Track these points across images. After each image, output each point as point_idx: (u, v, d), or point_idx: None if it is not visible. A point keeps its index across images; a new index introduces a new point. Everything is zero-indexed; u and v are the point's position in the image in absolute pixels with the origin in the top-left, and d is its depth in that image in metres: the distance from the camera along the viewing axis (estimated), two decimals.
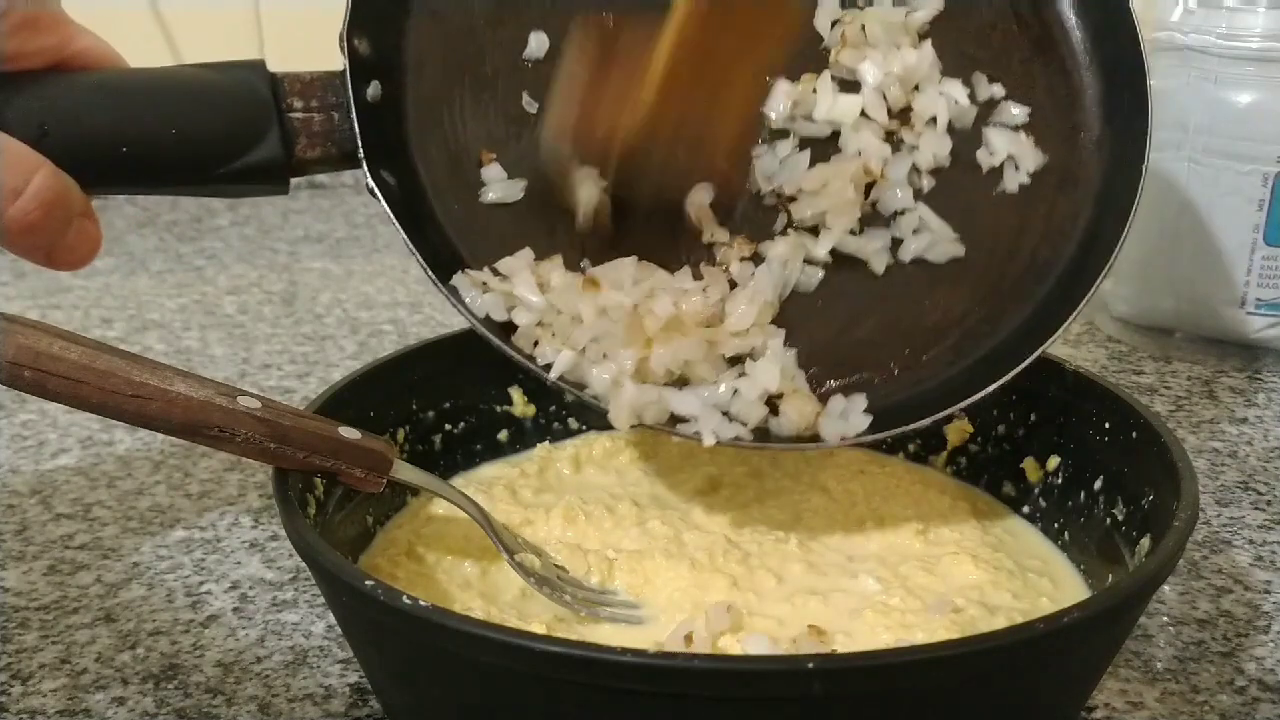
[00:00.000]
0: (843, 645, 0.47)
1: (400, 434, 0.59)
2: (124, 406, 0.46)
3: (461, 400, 0.62)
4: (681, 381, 0.51)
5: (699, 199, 0.54)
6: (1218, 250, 0.79)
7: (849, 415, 0.51)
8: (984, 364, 0.53)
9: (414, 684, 0.44)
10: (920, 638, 0.46)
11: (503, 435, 0.64)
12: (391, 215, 0.50)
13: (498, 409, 0.64)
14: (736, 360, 0.51)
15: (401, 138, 0.53)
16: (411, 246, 0.50)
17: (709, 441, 0.49)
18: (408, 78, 0.53)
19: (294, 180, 0.51)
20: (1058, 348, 0.84)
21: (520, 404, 0.64)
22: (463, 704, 0.42)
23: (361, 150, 0.50)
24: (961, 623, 0.47)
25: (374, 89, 0.51)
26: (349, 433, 0.50)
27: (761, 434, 0.50)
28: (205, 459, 0.69)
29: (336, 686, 0.50)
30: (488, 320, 0.51)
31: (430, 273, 0.51)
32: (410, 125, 0.53)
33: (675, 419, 0.50)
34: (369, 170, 0.50)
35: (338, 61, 0.51)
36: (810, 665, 0.36)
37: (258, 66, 0.50)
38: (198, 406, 0.46)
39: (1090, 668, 0.44)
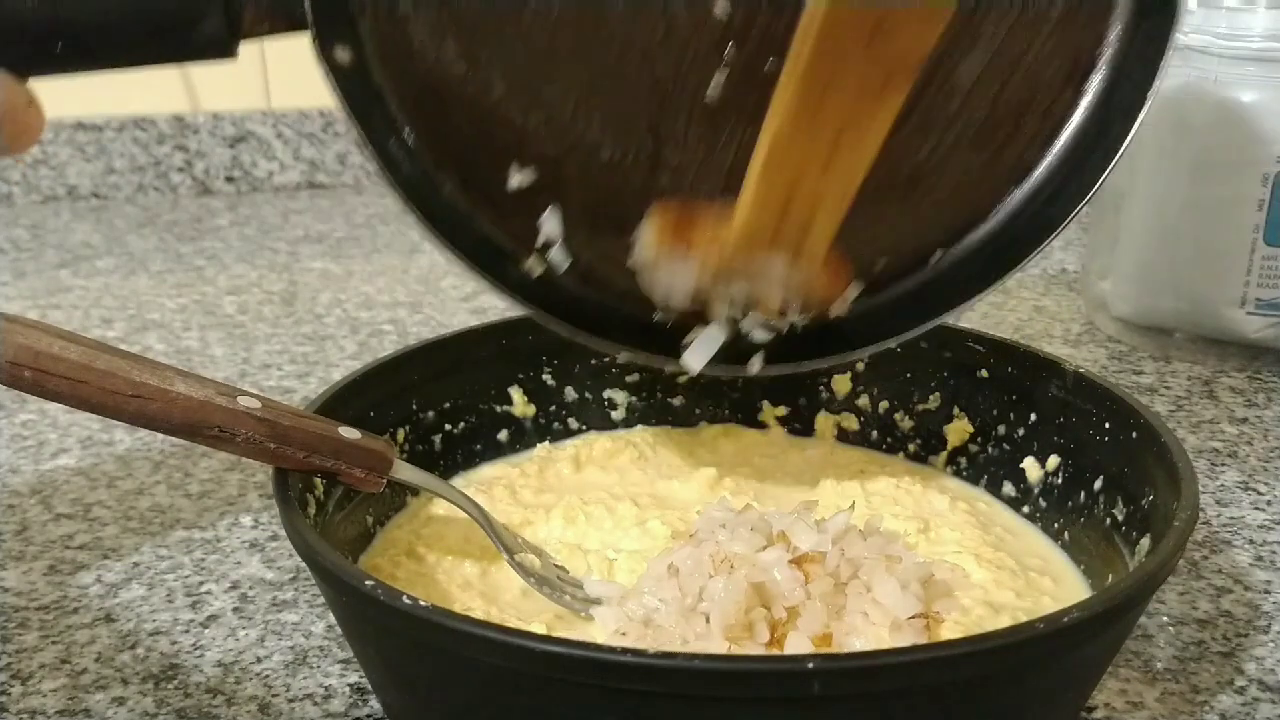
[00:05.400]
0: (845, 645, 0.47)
1: (400, 434, 0.59)
2: (124, 406, 0.46)
3: (461, 400, 0.62)
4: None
5: None
6: (1218, 250, 0.79)
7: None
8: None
9: (414, 684, 0.44)
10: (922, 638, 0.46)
11: (503, 435, 0.64)
12: (343, 99, 0.47)
13: (498, 409, 0.64)
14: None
15: (363, 3, 0.48)
16: (361, 134, 0.47)
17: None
18: None
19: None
20: (1057, 348, 0.84)
21: (520, 404, 0.64)
22: (463, 704, 0.42)
23: (311, 22, 0.46)
24: (966, 623, 0.47)
25: None
26: (349, 433, 0.50)
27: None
28: (205, 459, 0.69)
29: (336, 686, 0.50)
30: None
31: (384, 168, 0.48)
32: None
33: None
34: (319, 49, 0.47)
35: None
36: (810, 665, 0.36)
37: None
38: (198, 406, 0.46)
39: (1090, 668, 0.44)
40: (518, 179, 0.51)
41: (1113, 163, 0.50)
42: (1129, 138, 0.49)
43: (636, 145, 0.51)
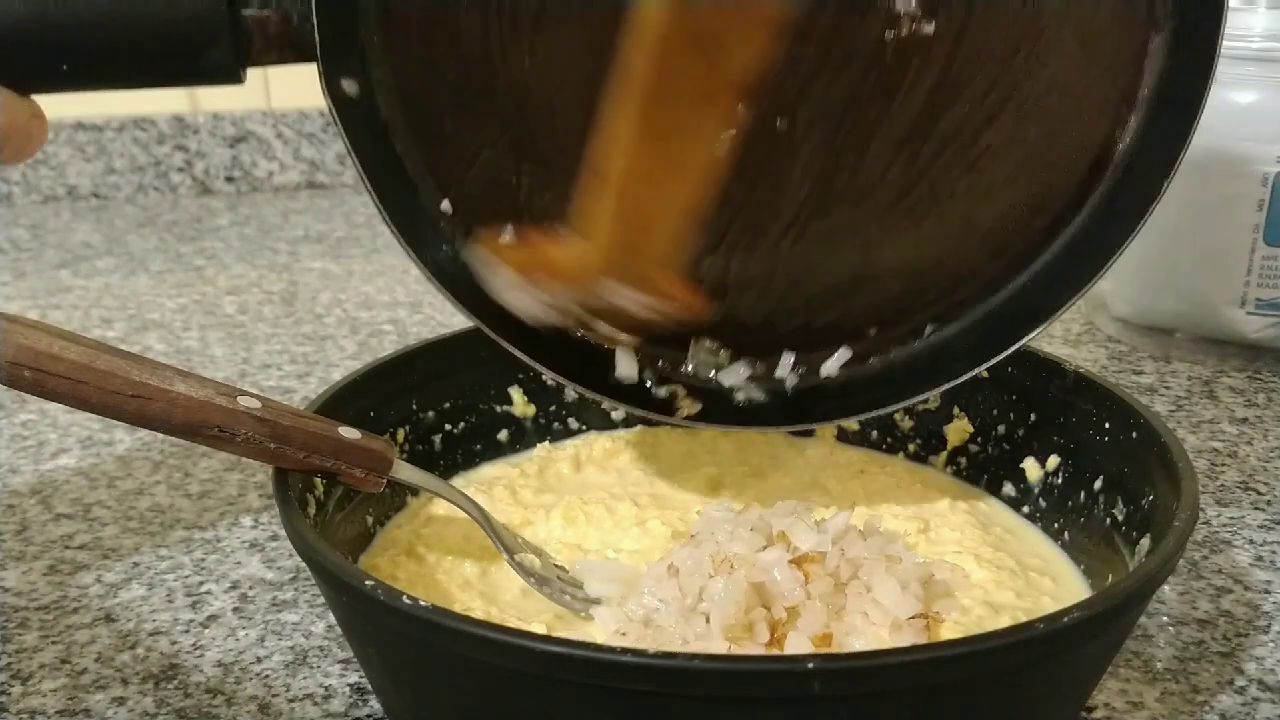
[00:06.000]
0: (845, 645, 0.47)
1: (400, 434, 0.59)
2: (124, 406, 0.46)
3: (461, 400, 0.62)
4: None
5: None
6: (1218, 250, 0.79)
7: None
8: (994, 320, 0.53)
9: (414, 684, 0.44)
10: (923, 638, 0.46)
11: (503, 435, 0.64)
12: (344, 134, 0.47)
13: (498, 409, 0.64)
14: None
15: (372, 37, 0.48)
16: (364, 176, 0.47)
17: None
18: None
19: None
20: (1057, 348, 0.84)
21: (520, 404, 0.64)
22: (463, 704, 0.42)
23: (319, 54, 0.46)
24: (966, 623, 0.47)
25: None
26: (349, 433, 0.50)
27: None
28: (205, 459, 0.69)
29: (336, 686, 0.50)
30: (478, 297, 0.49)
31: (381, 208, 0.48)
32: (384, 20, 0.48)
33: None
34: (326, 83, 0.46)
35: None
36: (810, 665, 0.36)
37: None
38: (198, 406, 0.46)
39: (1090, 668, 0.44)
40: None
41: (1108, 265, 0.51)
42: (1129, 240, 0.50)
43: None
